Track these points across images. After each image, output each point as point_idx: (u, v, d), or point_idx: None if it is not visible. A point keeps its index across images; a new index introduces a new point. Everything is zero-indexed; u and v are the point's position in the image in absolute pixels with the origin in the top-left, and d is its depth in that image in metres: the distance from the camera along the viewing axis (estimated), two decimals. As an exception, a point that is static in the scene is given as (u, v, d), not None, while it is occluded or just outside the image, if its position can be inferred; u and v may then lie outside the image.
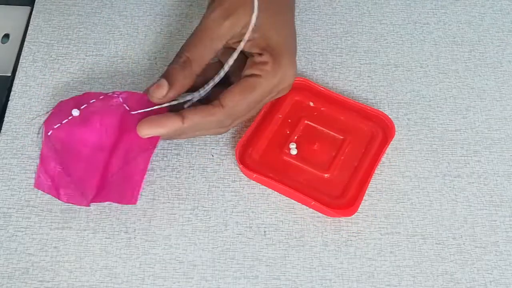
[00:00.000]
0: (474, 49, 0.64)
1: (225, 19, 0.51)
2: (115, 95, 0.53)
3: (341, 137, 0.56)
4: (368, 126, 0.57)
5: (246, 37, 0.51)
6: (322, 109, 0.58)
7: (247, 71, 0.52)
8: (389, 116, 0.56)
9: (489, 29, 0.65)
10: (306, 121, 0.57)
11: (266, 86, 0.52)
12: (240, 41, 0.52)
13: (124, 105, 0.52)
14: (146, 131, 0.49)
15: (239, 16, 0.51)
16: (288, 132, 0.56)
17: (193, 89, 0.54)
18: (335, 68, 0.62)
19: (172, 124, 0.49)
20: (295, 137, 0.56)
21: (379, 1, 0.67)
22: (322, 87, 0.58)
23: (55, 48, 0.62)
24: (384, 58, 0.63)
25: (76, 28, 0.63)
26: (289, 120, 0.57)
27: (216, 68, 0.56)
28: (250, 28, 0.51)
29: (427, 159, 0.56)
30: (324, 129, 0.57)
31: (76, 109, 0.52)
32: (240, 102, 0.51)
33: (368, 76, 0.61)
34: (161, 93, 0.50)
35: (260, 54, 0.52)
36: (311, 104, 0.58)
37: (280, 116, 0.57)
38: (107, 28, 0.63)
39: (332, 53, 0.63)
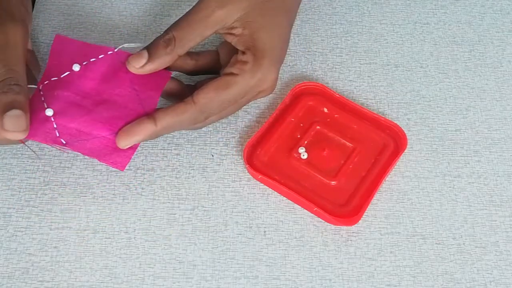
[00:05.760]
0: (474, 49, 0.64)
1: (219, 8, 0.51)
2: (122, 53, 0.52)
3: (351, 145, 0.55)
4: (380, 136, 0.56)
5: None
6: (335, 116, 0.57)
7: (227, 69, 0.52)
8: (402, 128, 0.56)
9: (489, 29, 0.65)
10: (318, 127, 0.56)
11: (242, 86, 0.51)
12: (229, 33, 0.52)
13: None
14: (124, 142, 0.49)
15: (233, 8, 0.51)
16: (298, 136, 0.56)
17: (184, 72, 0.55)
18: (335, 68, 0.62)
19: (146, 130, 0.49)
20: (305, 142, 0.55)
21: (379, 1, 0.67)
22: (337, 94, 0.58)
23: (55, 48, 0.62)
24: (384, 58, 0.63)
25: (76, 28, 0.63)
26: (301, 124, 0.57)
27: (213, 57, 0.56)
28: None
29: (427, 159, 0.56)
30: (335, 136, 0.56)
31: (77, 64, 0.51)
32: (213, 99, 0.50)
33: (368, 76, 0.61)
34: (139, 63, 0.50)
35: (243, 53, 0.52)
36: (325, 110, 0.58)
37: (293, 119, 0.57)
38: (107, 28, 0.63)
39: (332, 53, 0.63)
